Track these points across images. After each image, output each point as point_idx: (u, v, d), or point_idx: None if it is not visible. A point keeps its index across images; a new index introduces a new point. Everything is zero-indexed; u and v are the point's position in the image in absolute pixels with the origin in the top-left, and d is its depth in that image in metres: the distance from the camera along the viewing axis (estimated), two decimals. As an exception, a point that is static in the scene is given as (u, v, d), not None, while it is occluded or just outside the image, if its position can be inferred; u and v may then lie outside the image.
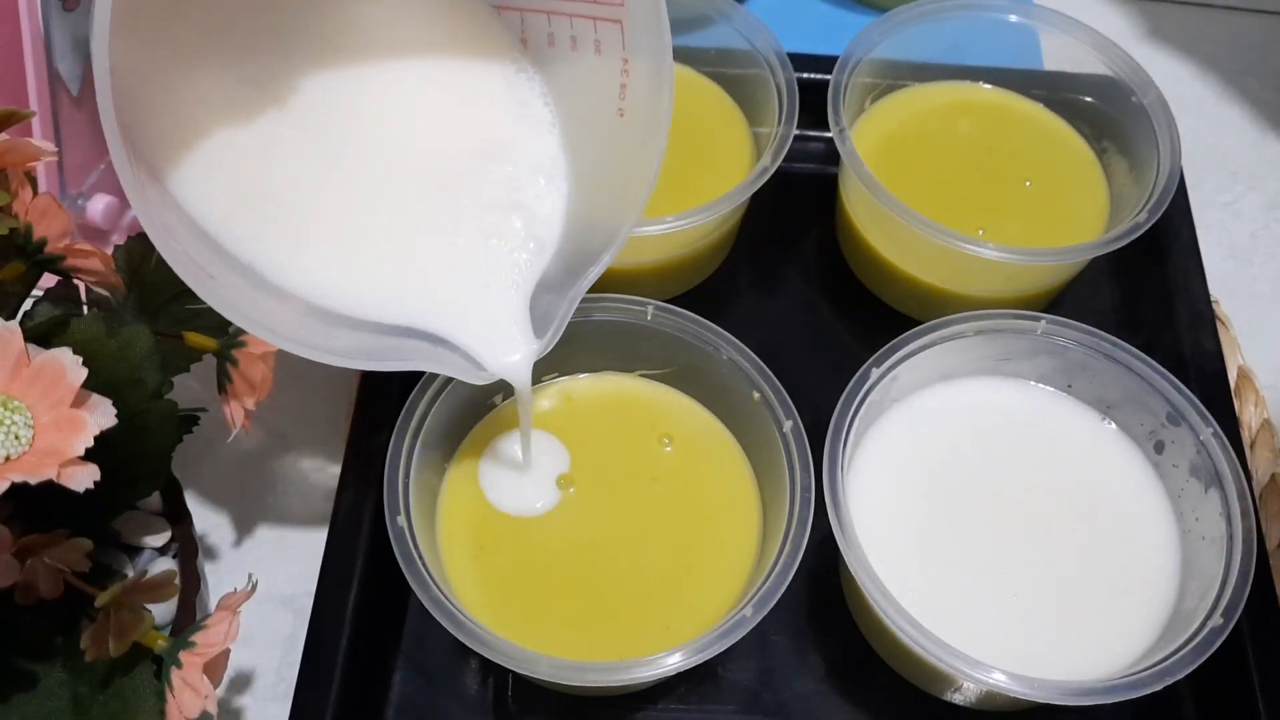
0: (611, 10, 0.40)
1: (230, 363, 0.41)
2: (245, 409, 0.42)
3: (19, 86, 0.49)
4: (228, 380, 0.42)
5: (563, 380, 0.48)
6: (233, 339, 0.41)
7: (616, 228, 0.42)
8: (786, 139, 0.51)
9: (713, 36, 0.56)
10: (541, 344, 0.42)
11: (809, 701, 0.46)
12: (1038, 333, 0.47)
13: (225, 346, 0.41)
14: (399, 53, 0.43)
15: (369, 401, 0.48)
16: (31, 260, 0.39)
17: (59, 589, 0.36)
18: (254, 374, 0.41)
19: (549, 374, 0.48)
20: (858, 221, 0.54)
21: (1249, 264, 0.60)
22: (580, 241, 0.43)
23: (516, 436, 0.46)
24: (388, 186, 0.43)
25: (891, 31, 0.55)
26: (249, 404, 0.41)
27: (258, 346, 0.41)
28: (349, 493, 0.46)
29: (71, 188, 0.53)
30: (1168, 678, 0.39)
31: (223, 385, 0.42)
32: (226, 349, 0.41)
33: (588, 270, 0.42)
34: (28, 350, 0.34)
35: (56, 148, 0.49)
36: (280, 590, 0.48)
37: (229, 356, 0.41)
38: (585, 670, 0.39)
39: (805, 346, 0.55)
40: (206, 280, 0.35)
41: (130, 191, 0.33)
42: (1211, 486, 0.44)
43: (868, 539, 0.41)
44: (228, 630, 0.36)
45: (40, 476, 0.32)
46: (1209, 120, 0.65)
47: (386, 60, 0.43)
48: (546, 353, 0.42)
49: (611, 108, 0.42)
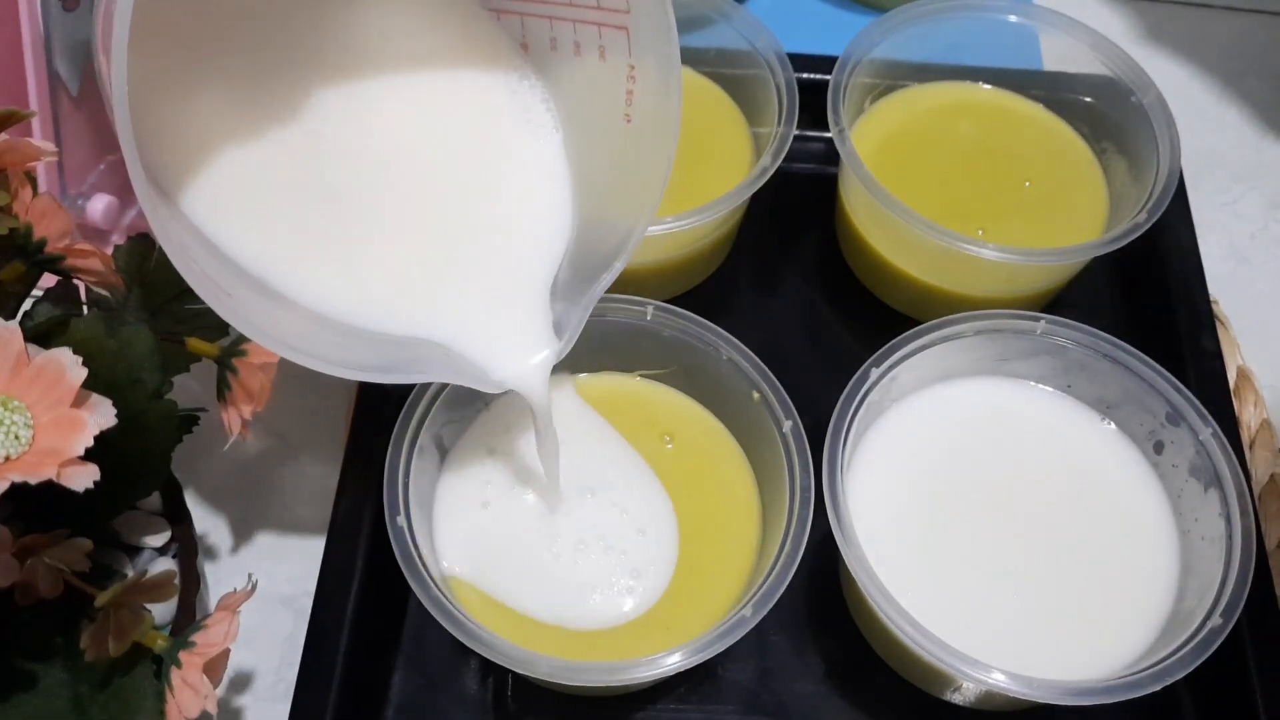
0: (617, 17, 0.40)
1: (230, 371, 0.41)
2: (243, 417, 0.42)
3: (19, 86, 0.49)
4: (227, 388, 0.42)
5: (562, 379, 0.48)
6: (234, 347, 0.41)
7: (627, 234, 0.42)
8: (786, 139, 0.51)
9: (712, 37, 0.56)
10: (554, 352, 0.42)
11: (809, 701, 0.46)
12: (1037, 333, 0.47)
13: (226, 355, 0.41)
14: (403, 65, 0.43)
15: (369, 401, 0.49)
16: (31, 260, 0.39)
17: (59, 589, 0.36)
18: (253, 383, 0.41)
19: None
20: (857, 222, 0.54)
21: (1249, 264, 0.60)
22: (590, 247, 0.43)
23: (516, 435, 0.46)
24: (396, 197, 0.42)
25: (891, 32, 0.55)
26: (247, 413, 0.42)
27: (258, 356, 0.41)
28: (349, 493, 0.46)
29: (71, 188, 0.53)
30: (1167, 678, 0.39)
31: (222, 393, 0.42)
32: (227, 357, 0.41)
33: (600, 277, 0.42)
34: (28, 350, 0.34)
35: (56, 148, 0.49)
36: (280, 590, 0.49)
37: (229, 365, 0.41)
38: (585, 670, 0.39)
39: (805, 346, 0.55)
40: (223, 297, 0.35)
41: (148, 210, 0.33)
42: (1211, 486, 0.44)
43: (867, 539, 0.41)
44: (227, 630, 0.36)
45: (40, 476, 0.32)
46: (1209, 120, 0.65)
47: (391, 73, 0.43)
48: (559, 360, 0.42)
49: (618, 114, 0.42)
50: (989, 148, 0.56)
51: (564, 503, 0.44)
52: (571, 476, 0.44)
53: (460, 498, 0.45)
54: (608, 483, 0.45)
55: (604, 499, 0.45)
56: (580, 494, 0.45)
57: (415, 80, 0.43)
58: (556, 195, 0.44)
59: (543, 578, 0.43)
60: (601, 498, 0.45)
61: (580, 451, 0.45)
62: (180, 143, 0.39)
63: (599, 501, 0.45)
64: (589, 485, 0.45)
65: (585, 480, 0.45)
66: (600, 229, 0.43)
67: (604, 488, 0.45)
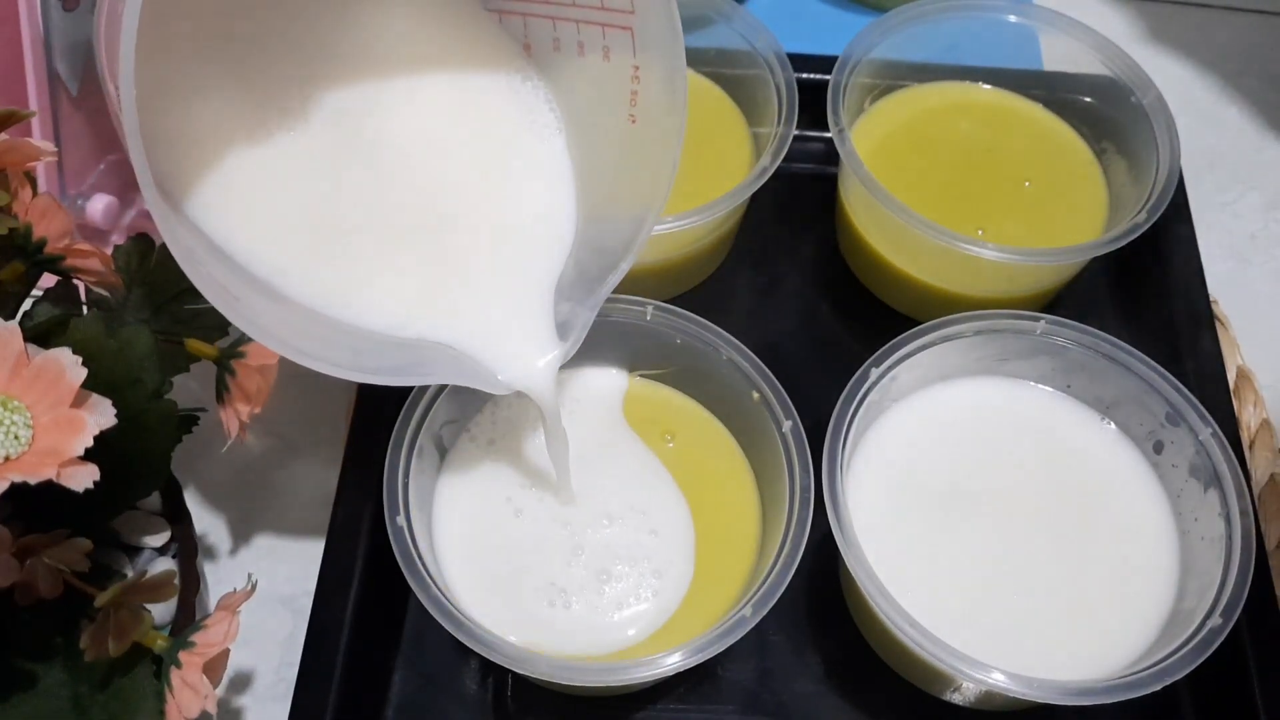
0: (621, 17, 0.40)
1: (229, 373, 0.41)
2: (241, 419, 0.42)
3: (19, 86, 0.49)
4: (226, 390, 0.42)
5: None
6: (232, 349, 0.41)
7: (633, 234, 0.42)
8: (786, 139, 0.51)
9: (712, 37, 0.56)
10: (561, 353, 0.42)
11: (809, 701, 0.46)
12: (1037, 333, 0.47)
13: (224, 356, 0.41)
14: (406, 68, 0.43)
15: (368, 401, 0.49)
16: (31, 260, 0.39)
17: (59, 589, 0.36)
18: (251, 385, 0.41)
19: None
20: (857, 221, 0.54)
21: (1249, 264, 0.60)
22: (595, 247, 0.43)
23: (517, 435, 0.46)
24: (400, 200, 0.43)
25: (891, 32, 0.55)
26: (245, 414, 0.42)
27: (257, 358, 0.41)
28: (348, 493, 0.46)
29: (71, 188, 0.53)
30: (1167, 678, 0.39)
31: (220, 394, 0.42)
32: (226, 359, 0.41)
33: (607, 278, 0.42)
34: (27, 350, 0.34)
35: (56, 148, 0.49)
36: (280, 590, 0.49)
37: (228, 367, 0.41)
38: (585, 670, 0.39)
39: (805, 346, 0.55)
40: (232, 302, 0.35)
41: (156, 216, 0.33)
42: (1211, 486, 0.44)
43: (867, 539, 0.41)
44: (227, 630, 0.36)
45: (40, 476, 0.32)
46: (1209, 120, 0.65)
47: (395, 77, 0.43)
48: (566, 361, 0.42)
49: (623, 114, 0.42)
50: (989, 148, 0.56)
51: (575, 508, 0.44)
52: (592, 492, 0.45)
53: (461, 496, 0.45)
54: (625, 489, 0.45)
55: (620, 504, 0.45)
56: (596, 515, 0.45)
57: (419, 83, 0.43)
58: (561, 197, 0.44)
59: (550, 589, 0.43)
60: (617, 504, 0.45)
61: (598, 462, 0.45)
62: (186, 148, 0.39)
63: (613, 513, 0.45)
64: (606, 504, 0.45)
65: (603, 497, 0.45)
66: (605, 229, 0.43)
67: (621, 499, 0.45)
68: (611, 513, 0.44)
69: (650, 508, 0.45)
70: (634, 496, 0.45)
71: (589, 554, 0.44)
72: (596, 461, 0.45)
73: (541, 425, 0.43)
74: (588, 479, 0.45)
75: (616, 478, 0.45)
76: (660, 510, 0.45)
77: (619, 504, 0.45)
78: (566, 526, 0.44)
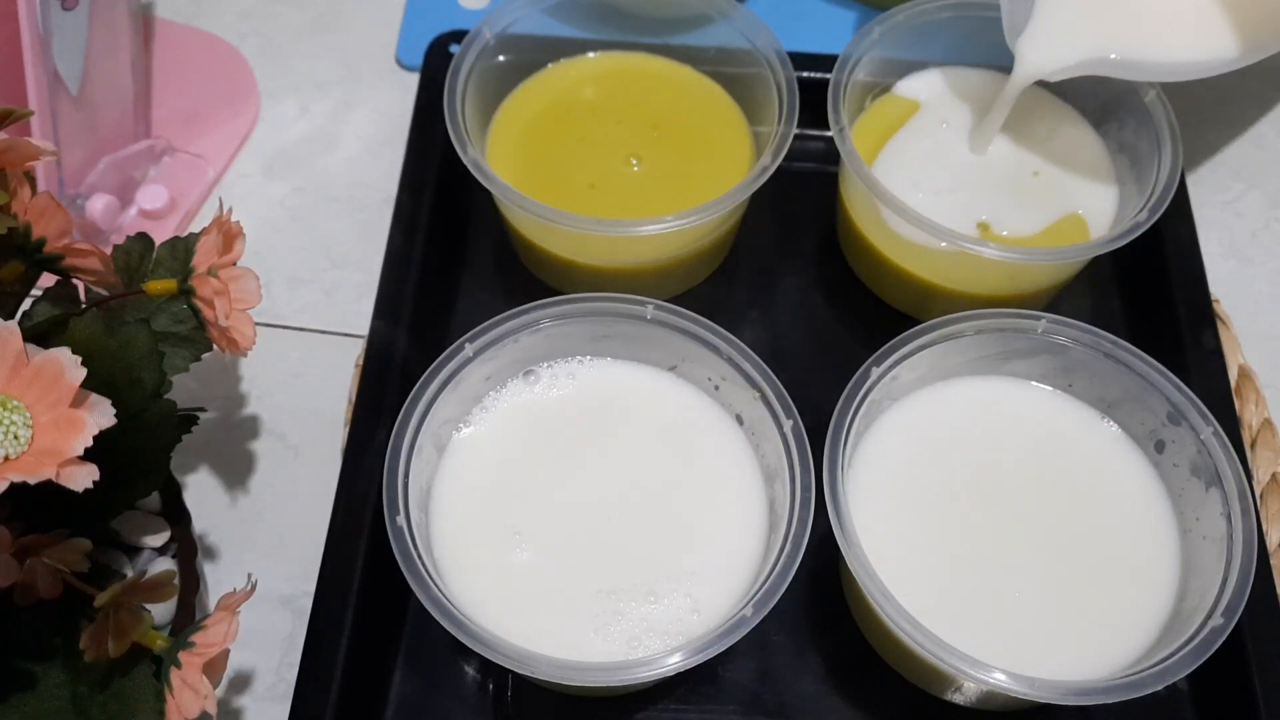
0: None
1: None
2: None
3: (19, 86, 0.49)
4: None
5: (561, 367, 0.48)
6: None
7: None
8: (786, 138, 0.51)
9: (713, 35, 0.56)
10: None
11: (809, 702, 0.46)
12: (1038, 332, 0.47)
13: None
14: None
15: (368, 401, 0.49)
16: (31, 260, 0.39)
17: (58, 589, 0.36)
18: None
19: (545, 360, 0.48)
20: (858, 221, 0.54)
21: (1249, 263, 0.60)
22: None
23: (518, 434, 0.46)
24: None
25: (891, 30, 0.55)
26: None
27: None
28: (348, 493, 0.46)
29: (70, 187, 0.53)
30: (1168, 678, 0.39)
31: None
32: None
33: None
34: (27, 350, 0.34)
35: (56, 147, 0.49)
36: (280, 590, 0.49)
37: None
38: (585, 670, 0.39)
39: (805, 346, 0.55)
40: None
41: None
42: (1212, 486, 0.43)
43: (868, 539, 0.41)
44: (227, 630, 0.36)
45: (39, 476, 0.32)
46: (1209, 120, 0.65)
47: None
48: None
49: None
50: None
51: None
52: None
53: (460, 495, 0.45)
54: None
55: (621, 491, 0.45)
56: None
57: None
58: None
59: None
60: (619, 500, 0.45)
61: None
62: None
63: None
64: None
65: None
66: None
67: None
68: (612, 506, 0.44)
69: (650, 507, 0.45)
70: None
71: (589, 549, 0.44)
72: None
73: None
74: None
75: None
76: (659, 504, 0.45)
77: (620, 498, 0.45)
78: (567, 526, 0.44)
